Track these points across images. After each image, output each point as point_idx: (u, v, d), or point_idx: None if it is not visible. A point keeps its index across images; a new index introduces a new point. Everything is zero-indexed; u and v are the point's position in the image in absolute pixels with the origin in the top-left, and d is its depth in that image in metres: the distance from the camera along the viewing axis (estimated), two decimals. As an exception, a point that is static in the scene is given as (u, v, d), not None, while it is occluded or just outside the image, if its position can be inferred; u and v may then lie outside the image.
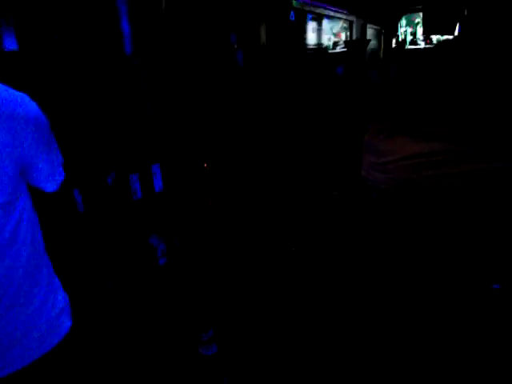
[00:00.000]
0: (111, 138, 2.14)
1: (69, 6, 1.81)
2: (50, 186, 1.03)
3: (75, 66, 1.92)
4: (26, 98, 0.92)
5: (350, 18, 4.79)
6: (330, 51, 4.60)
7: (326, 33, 4.46)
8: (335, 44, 4.61)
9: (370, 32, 5.12)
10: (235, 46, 2.85)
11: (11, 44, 1.55)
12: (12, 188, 0.90)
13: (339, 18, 4.64)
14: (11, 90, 0.89)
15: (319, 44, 4.27)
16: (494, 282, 1.20)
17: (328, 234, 2.36)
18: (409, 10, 5.89)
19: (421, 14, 6.21)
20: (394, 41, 5.86)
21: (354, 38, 4.76)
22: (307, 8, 3.87)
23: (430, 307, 1.30)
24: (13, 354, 0.95)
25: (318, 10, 4.11)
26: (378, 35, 5.60)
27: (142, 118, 2.25)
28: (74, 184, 2.04)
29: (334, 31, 4.61)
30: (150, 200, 2.29)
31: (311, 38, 4.18)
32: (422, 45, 6.37)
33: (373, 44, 5.15)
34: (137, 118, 2.22)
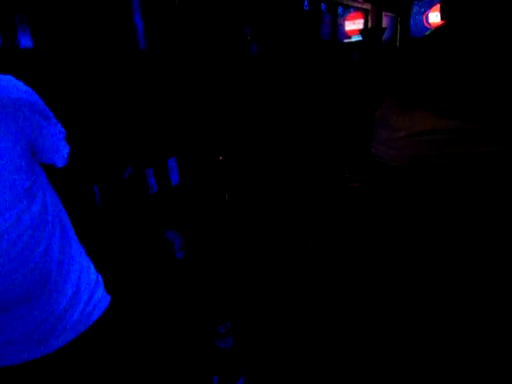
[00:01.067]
0: (128, 133, 2.15)
1: (83, 2, 1.82)
2: (59, 160, 1.06)
3: (90, 63, 1.93)
4: (12, 80, 0.93)
5: (365, 6, 4.71)
6: (346, 40, 4.53)
7: (341, 22, 4.39)
8: (350, 33, 4.54)
9: (385, 20, 5.02)
10: (249, 38, 2.84)
11: (26, 41, 1.57)
12: (30, 170, 0.93)
13: (354, 7, 4.57)
14: None
15: (334, 33, 4.21)
16: None
17: (344, 225, 2.34)
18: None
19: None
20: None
21: (370, 26, 4.68)
22: (321, -3, 3.81)
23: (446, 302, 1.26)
24: (57, 330, 0.99)
25: (333, -1, 4.04)
26: (394, 23, 5.49)
27: (158, 112, 2.26)
28: (92, 180, 2.07)
29: (350, 20, 4.53)
30: (167, 194, 2.30)
31: (326, 28, 4.13)
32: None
33: (389, 32, 5.06)
34: (152, 112, 2.23)
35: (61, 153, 1.06)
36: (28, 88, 0.96)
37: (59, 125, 1.06)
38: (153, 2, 2.20)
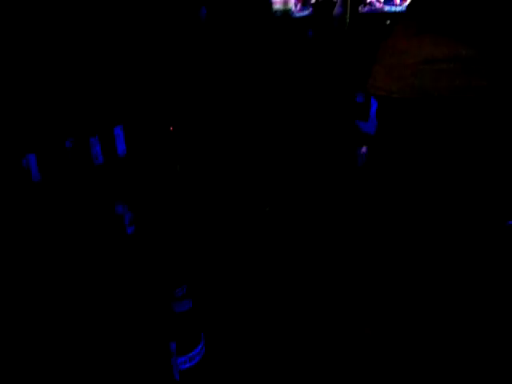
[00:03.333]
0: (69, 97, 1.98)
1: None
2: None
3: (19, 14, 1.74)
4: None
5: (316, -20, 4.64)
6: (297, 15, 4.47)
7: (292, -6, 4.31)
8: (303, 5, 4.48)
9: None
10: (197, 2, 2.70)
11: None
12: None
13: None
14: None
15: (285, 5, 4.13)
16: (509, 218, 1.06)
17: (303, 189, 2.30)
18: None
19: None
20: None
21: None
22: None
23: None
24: None
25: (283, -30, 3.95)
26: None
27: (102, 75, 2.09)
28: (28, 148, 1.89)
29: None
30: (114, 165, 2.16)
31: (275, 1, 4.05)
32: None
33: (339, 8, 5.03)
34: (96, 74, 2.06)
35: None
36: None
37: None
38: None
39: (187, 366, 1.08)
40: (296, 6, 4.37)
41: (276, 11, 4.32)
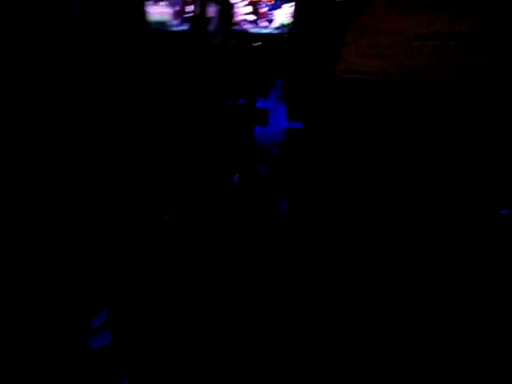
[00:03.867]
0: None
1: None
2: None
3: None
4: None
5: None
6: (174, 29, 4.39)
7: (169, 7, 4.22)
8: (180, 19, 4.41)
9: (213, 10, 5.01)
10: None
11: None
12: None
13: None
14: None
15: (162, 17, 4.02)
16: (502, 208, 1.00)
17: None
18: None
19: None
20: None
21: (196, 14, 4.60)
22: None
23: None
24: None
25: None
26: (219, 15, 5.54)
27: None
28: None
29: (178, 6, 4.38)
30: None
31: (153, 12, 3.93)
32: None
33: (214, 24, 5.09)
34: None
35: None
36: None
37: None
38: None
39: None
40: (173, 19, 4.28)
41: (152, 23, 4.19)
